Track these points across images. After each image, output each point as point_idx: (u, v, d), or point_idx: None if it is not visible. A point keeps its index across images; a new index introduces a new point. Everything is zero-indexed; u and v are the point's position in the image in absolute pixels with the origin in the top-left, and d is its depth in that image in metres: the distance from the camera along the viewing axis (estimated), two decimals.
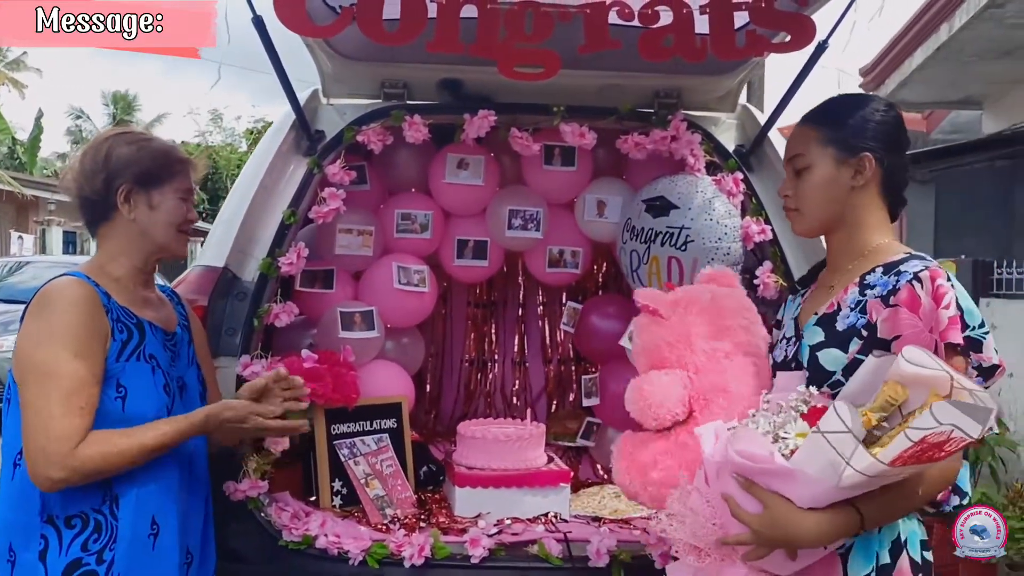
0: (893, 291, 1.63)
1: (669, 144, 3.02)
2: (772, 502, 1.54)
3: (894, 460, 1.39)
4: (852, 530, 1.55)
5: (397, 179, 3.40)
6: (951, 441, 1.38)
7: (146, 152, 1.96)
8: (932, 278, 1.60)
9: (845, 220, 1.78)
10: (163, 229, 1.97)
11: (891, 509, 1.57)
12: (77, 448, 1.75)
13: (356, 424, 2.92)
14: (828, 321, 1.73)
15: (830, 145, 1.76)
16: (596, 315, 3.39)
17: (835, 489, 1.47)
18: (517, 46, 2.43)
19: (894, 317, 1.61)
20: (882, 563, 1.61)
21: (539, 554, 2.52)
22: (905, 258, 1.69)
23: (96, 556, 1.82)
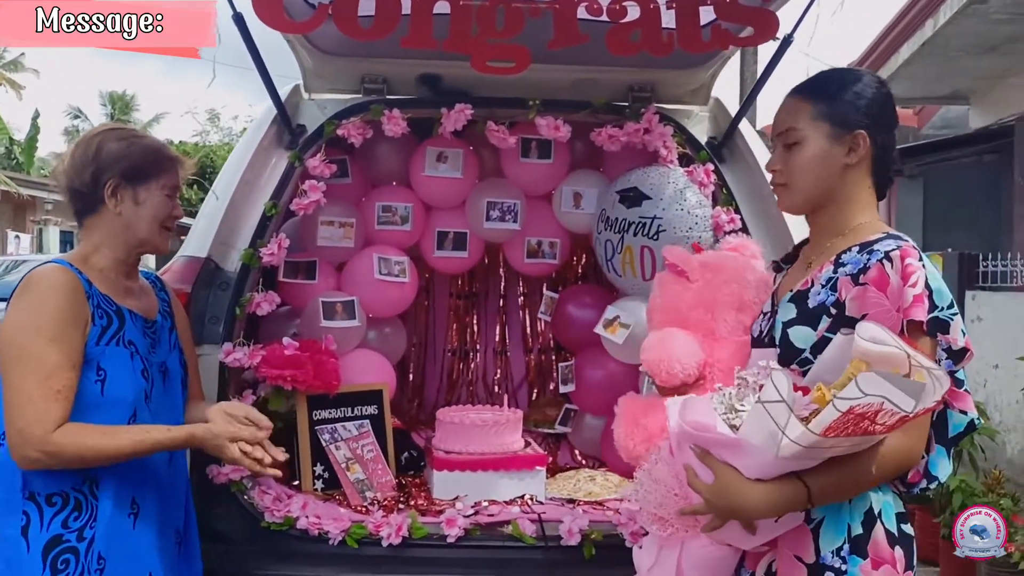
0: (863, 269, 1.60)
1: (642, 136, 3.10)
2: (721, 472, 1.55)
3: (826, 431, 1.38)
4: (799, 503, 1.53)
5: (379, 172, 3.48)
6: (883, 413, 1.36)
7: (135, 149, 2.02)
8: (902, 257, 1.57)
9: (833, 198, 1.73)
10: (147, 224, 2.02)
11: (842, 484, 1.54)
12: (53, 433, 1.80)
13: (337, 410, 3.00)
14: (801, 298, 1.70)
15: (824, 120, 1.70)
16: (572, 304, 3.47)
17: (776, 459, 1.47)
18: (489, 41, 2.50)
19: (862, 295, 1.59)
20: (855, 534, 1.59)
21: (513, 533, 2.60)
22: (881, 237, 1.65)
23: (76, 533, 1.87)
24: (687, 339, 1.91)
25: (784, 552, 1.63)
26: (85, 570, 1.86)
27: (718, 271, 1.98)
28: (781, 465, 1.51)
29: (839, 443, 1.43)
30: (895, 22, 8.23)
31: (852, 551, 1.58)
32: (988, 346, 6.98)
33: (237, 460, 1.96)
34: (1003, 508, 4.27)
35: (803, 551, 1.61)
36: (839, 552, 1.59)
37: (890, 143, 1.74)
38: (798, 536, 1.61)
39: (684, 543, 1.70)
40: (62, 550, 1.85)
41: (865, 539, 1.59)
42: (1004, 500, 4.36)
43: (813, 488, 1.52)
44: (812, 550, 1.60)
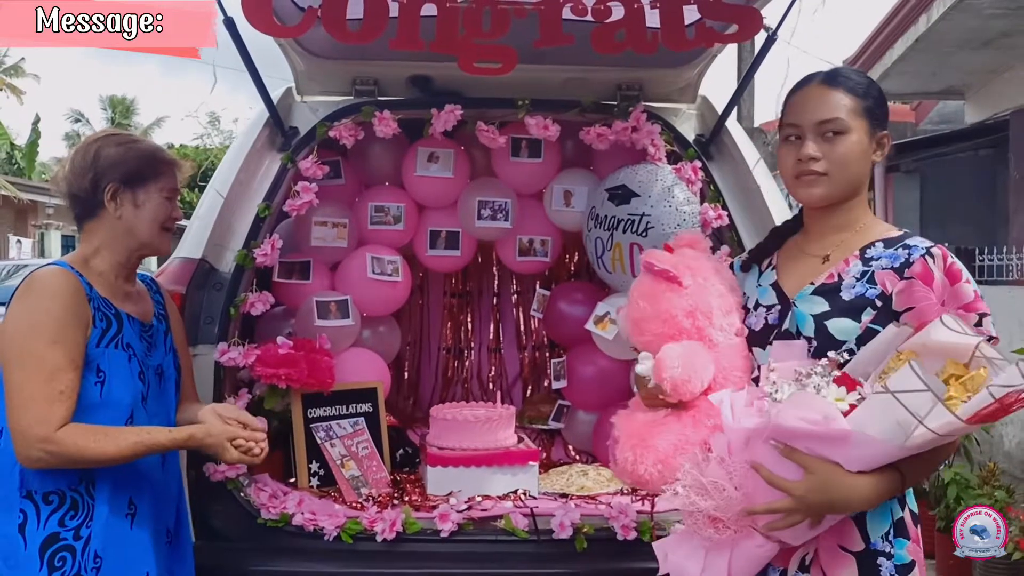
0: (907, 264, 1.66)
1: (630, 135, 3.12)
2: (817, 467, 1.53)
3: (971, 417, 1.41)
4: (896, 491, 1.59)
5: (371, 173, 3.52)
6: (1019, 402, 1.40)
7: (133, 153, 2.05)
8: (943, 256, 1.65)
9: (857, 192, 1.77)
10: (147, 227, 2.06)
11: (925, 470, 1.65)
12: (56, 432, 1.84)
13: (332, 408, 3.04)
14: (831, 291, 1.72)
15: (864, 116, 1.74)
16: (563, 301, 3.51)
17: (897, 449, 1.48)
18: (476, 42, 2.53)
19: (909, 289, 1.64)
20: (896, 517, 1.67)
21: (506, 528, 2.64)
22: (905, 234, 1.74)
23: (73, 532, 1.90)
24: (705, 353, 1.82)
25: (828, 544, 1.64)
26: (82, 568, 1.89)
27: (700, 273, 1.90)
28: (895, 455, 1.52)
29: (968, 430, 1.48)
30: (889, 18, 8.24)
31: (897, 534, 1.66)
32: None
33: (237, 459, 2.01)
34: (997, 500, 4.29)
35: (849, 541, 1.65)
36: (887, 536, 1.65)
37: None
38: (841, 527, 1.63)
39: (736, 544, 1.65)
40: (59, 548, 1.88)
41: (903, 522, 1.67)
42: (999, 492, 4.38)
43: (907, 475, 1.59)
44: (859, 538, 1.64)
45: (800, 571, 1.67)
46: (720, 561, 1.66)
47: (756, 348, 1.82)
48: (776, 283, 1.83)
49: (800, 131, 1.75)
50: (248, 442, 2.01)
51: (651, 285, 1.91)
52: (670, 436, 1.79)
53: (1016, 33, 7.34)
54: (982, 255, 7.50)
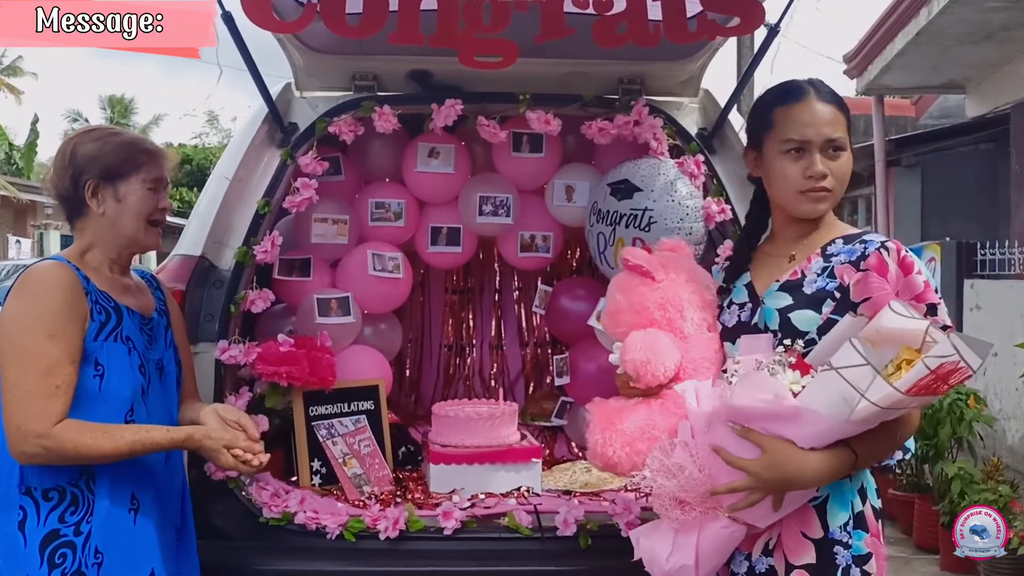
0: (863, 257, 1.75)
1: (632, 129, 3.10)
2: (771, 445, 1.62)
3: (909, 389, 1.47)
4: (847, 469, 1.65)
5: (372, 169, 3.50)
6: (956, 372, 1.47)
7: (110, 146, 2.02)
8: (897, 249, 1.74)
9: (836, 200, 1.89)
10: (132, 221, 2.03)
11: (879, 449, 1.70)
12: (53, 428, 1.82)
13: (334, 406, 3.02)
14: (794, 287, 1.82)
15: (849, 132, 1.86)
16: (566, 297, 3.49)
17: (842, 424, 1.56)
18: (476, 36, 2.51)
19: (865, 280, 1.73)
20: (857, 510, 1.73)
21: (509, 525, 2.62)
22: (864, 231, 1.84)
23: (73, 528, 1.88)
24: (668, 340, 1.93)
25: (791, 529, 1.72)
26: (83, 564, 1.88)
27: (679, 270, 2.02)
28: (843, 430, 1.59)
29: (911, 403, 1.54)
30: (889, 12, 8.23)
31: (856, 526, 1.72)
32: (987, 335, 6.97)
33: (231, 466, 1.99)
34: (1001, 495, 4.29)
35: (809, 528, 1.72)
36: (846, 527, 1.72)
37: None
38: (803, 514, 1.71)
39: (703, 526, 1.72)
40: (59, 544, 1.87)
41: (863, 515, 1.74)
42: (1003, 487, 4.38)
43: (860, 453, 1.64)
44: (819, 526, 1.72)
45: (763, 555, 1.75)
46: (688, 542, 1.73)
47: (728, 343, 1.93)
48: (750, 283, 1.93)
49: (807, 146, 1.80)
50: (245, 453, 1.99)
51: (627, 280, 2.04)
52: (637, 420, 1.89)
53: (1017, 26, 7.33)
54: (983, 249, 7.48)
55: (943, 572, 4.68)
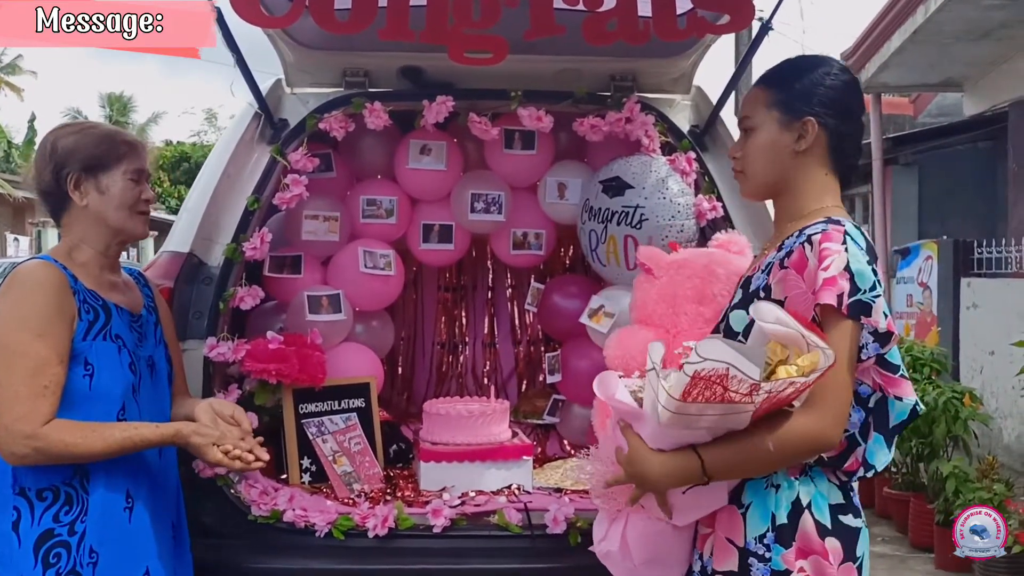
0: (788, 253, 1.64)
1: (624, 126, 3.10)
2: (631, 442, 1.65)
3: (682, 395, 1.46)
4: (694, 474, 1.59)
5: (363, 166, 3.48)
6: (733, 380, 1.42)
7: (89, 138, 2.02)
8: (822, 240, 1.59)
9: (788, 185, 1.76)
10: (116, 212, 2.02)
11: (737, 459, 1.58)
12: (41, 429, 1.82)
13: (324, 403, 3.01)
14: (746, 283, 1.77)
15: (775, 108, 1.74)
16: (558, 294, 3.48)
17: (663, 427, 1.55)
18: (465, 32, 2.50)
19: (784, 278, 1.64)
20: (779, 523, 1.62)
21: (499, 523, 2.61)
22: (817, 221, 1.67)
23: (68, 527, 1.88)
24: (647, 335, 1.99)
25: (718, 534, 1.69)
26: (77, 563, 1.87)
27: (683, 267, 2.07)
28: (668, 435, 1.59)
29: (705, 410, 1.49)
30: (887, 9, 8.22)
31: (776, 540, 1.61)
32: (983, 333, 6.99)
33: (219, 462, 1.97)
34: (996, 494, 4.28)
35: (734, 534, 1.67)
36: (763, 539, 1.63)
37: (848, 131, 1.76)
38: (730, 519, 1.67)
39: (629, 516, 1.76)
40: (54, 544, 1.87)
41: (791, 529, 1.61)
42: (997, 485, 4.37)
43: (706, 460, 1.58)
44: (741, 534, 1.65)
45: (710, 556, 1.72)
46: (616, 531, 1.79)
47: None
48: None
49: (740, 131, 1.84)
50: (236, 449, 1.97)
51: (639, 277, 2.20)
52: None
53: (1015, 24, 7.32)
54: (980, 248, 7.48)
55: (938, 571, 4.67)
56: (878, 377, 1.63)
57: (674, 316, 2.02)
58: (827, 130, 1.73)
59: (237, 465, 1.98)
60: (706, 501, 1.67)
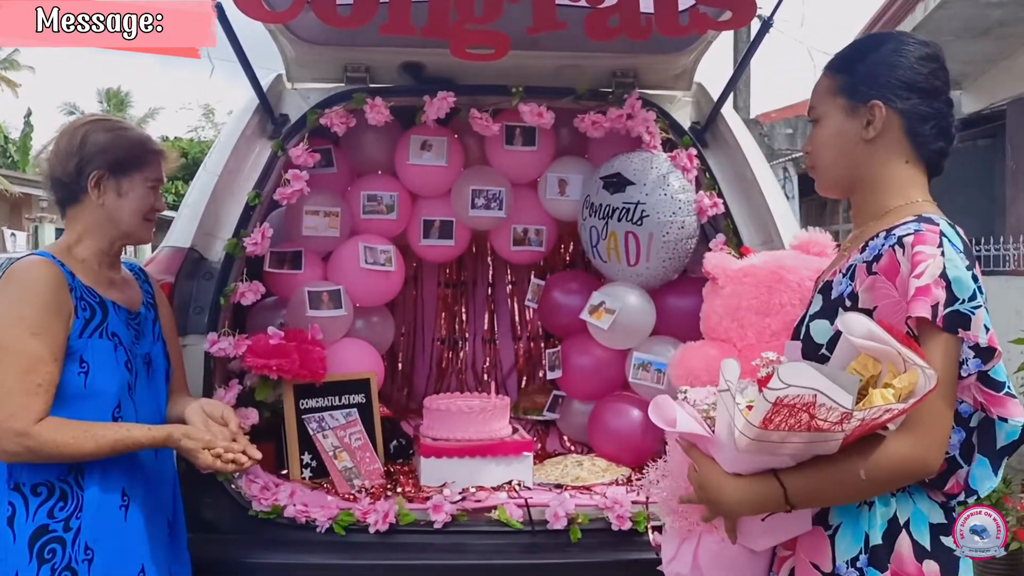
0: (877, 257, 1.46)
1: (625, 122, 3.10)
2: (701, 465, 1.55)
3: (763, 422, 1.34)
4: (776, 501, 1.47)
5: (364, 162, 3.48)
6: (821, 408, 1.31)
7: (121, 141, 2.02)
8: (915, 242, 1.42)
9: (862, 177, 1.59)
10: (129, 216, 2.03)
11: (824, 488, 1.45)
12: (34, 427, 1.81)
13: (325, 399, 3.00)
14: (827, 289, 1.58)
15: (840, 94, 1.59)
16: (558, 290, 3.47)
17: (736, 452, 1.43)
18: (467, 27, 2.50)
19: (873, 286, 1.46)
20: (873, 544, 1.46)
21: (500, 519, 2.61)
22: (907, 221, 1.48)
23: (63, 523, 1.88)
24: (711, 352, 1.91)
25: (801, 558, 1.55)
26: (72, 560, 1.87)
27: (748, 275, 1.95)
28: (746, 460, 1.46)
29: (788, 438, 1.36)
30: (886, 7, 8.21)
31: (870, 562, 1.46)
32: None
33: (210, 466, 1.96)
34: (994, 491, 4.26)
35: (820, 558, 1.51)
36: (855, 563, 1.47)
37: (926, 111, 1.56)
38: (816, 542, 1.53)
39: (701, 537, 1.66)
40: (48, 540, 1.86)
41: (886, 550, 1.46)
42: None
43: (789, 487, 1.45)
44: (829, 558, 1.50)
45: None
46: (687, 551, 1.68)
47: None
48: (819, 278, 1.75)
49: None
50: (227, 452, 1.97)
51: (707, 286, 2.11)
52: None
53: (1013, 22, 7.32)
54: (979, 245, 7.49)
55: None
56: (980, 395, 1.46)
57: (740, 329, 1.92)
58: (899, 113, 1.55)
59: (230, 468, 1.98)
60: (789, 527, 1.54)
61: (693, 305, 3.13)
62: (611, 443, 3.13)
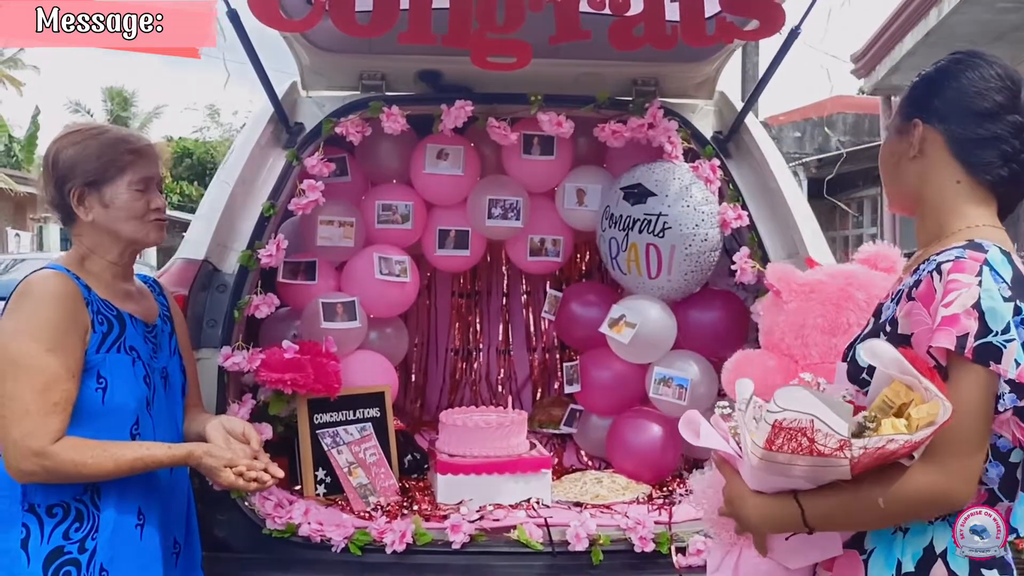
0: (918, 282, 1.44)
1: (646, 132, 3.04)
2: (730, 480, 1.57)
3: (767, 443, 1.36)
4: (794, 521, 1.46)
5: (379, 170, 3.43)
6: (820, 434, 1.31)
7: (91, 150, 1.93)
8: (952, 270, 1.38)
9: (921, 198, 1.56)
10: (124, 224, 1.94)
11: (842, 512, 1.44)
12: (51, 446, 1.77)
13: (339, 413, 2.95)
14: (879, 311, 1.57)
15: (896, 115, 1.60)
16: (576, 302, 3.41)
17: (752, 469, 1.46)
18: (489, 36, 2.45)
19: (911, 312, 1.44)
20: (905, 571, 1.44)
21: (519, 539, 2.55)
22: (957, 246, 1.43)
23: (78, 545, 1.83)
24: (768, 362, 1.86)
25: None
26: None
27: (815, 291, 1.89)
28: (764, 479, 1.47)
29: (794, 460, 1.37)
30: (899, 11, 8.16)
31: None
32: None
33: (232, 485, 1.91)
34: None
35: None
36: None
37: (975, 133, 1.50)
38: (849, 565, 1.51)
39: (742, 551, 1.66)
40: (64, 562, 1.82)
41: None
42: None
43: (807, 509, 1.45)
44: None
45: None
46: (728, 563, 1.70)
47: None
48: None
49: None
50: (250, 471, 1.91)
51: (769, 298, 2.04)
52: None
53: None
54: None
55: None
56: (1018, 431, 1.42)
57: (804, 348, 1.86)
58: (942, 133, 1.52)
59: (253, 487, 1.93)
60: (817, 548, 1.53)
61: (715, 319, 3.12)
62: (630, 459, 3.07)
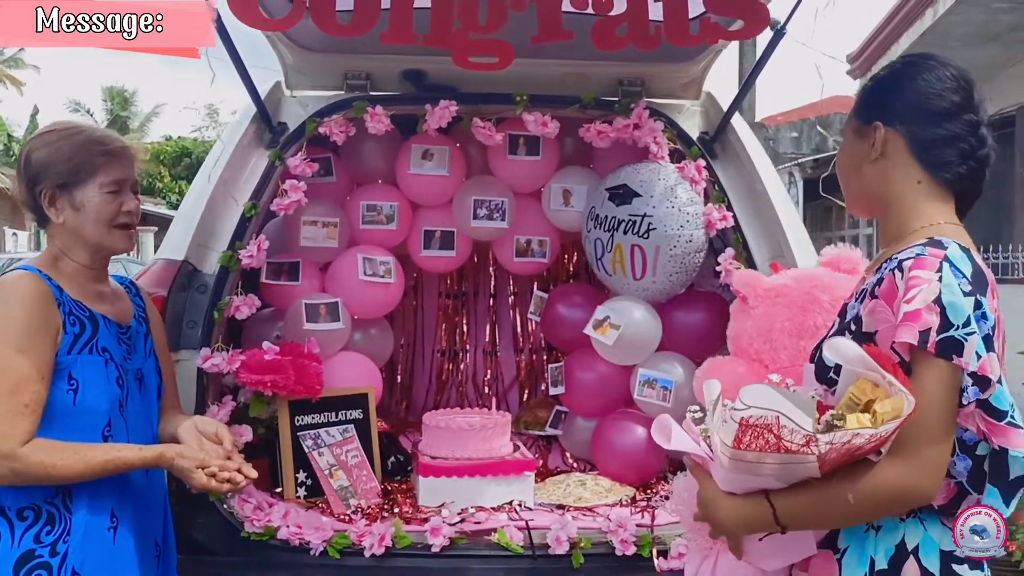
0: (880, 280, 1.47)
1: (632, 132, 3.03)
2: (701, 482, 1.57)
3: (735, 442, 1.37)
4: (766, 521, 1.47)
5: (364, 171, 3.41)
6: (786, 430, 1.32)
7: (62, 151, 1.91)
8: (913, 267, 1.40)
9: (879, 199, 1.59)
10: (93, 228, 1.92)
11: (813, 510, 1.45)
12: (20, 448, 1.74)
13: (321, 415, 2.93)
14: (843, 311, 1.59)
15: (854, 117, 1.61)
16: (562, 304, 3.39)
17: (725, 471, 1.46)
18: (471, 36, 2.43)
19: (874, 310, 1.46)
20: (878, 568, 1.45)
21: (500, 542, 2.53)
22: (918, 243, 1.46)
23: (49, 548, 1.80)
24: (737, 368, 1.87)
25: None
26: None
27: (780, 295, 1.91)
28: (735, 479, 1.48)
29: (763, 458, 1.38)
30: (895, 11, 8.15)
31: None
32: None
33: (205, 486, 1.88)
34: None
35: None
36: None
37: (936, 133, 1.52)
38: (824, 565, 1.52)
39: (719, 555, 1.66)
40: (35, 565, 1.79)
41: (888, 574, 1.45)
42: None
43: (779, 508, 1.46)
44: None
45: None
46: (706, 568, 1.70)
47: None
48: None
49: None
50: (223, 472, 1.89)
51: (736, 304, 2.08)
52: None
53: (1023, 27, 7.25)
54: (987, 253, 7.41)
55: None
56: (983, 424, 1.43)
57: (773, 352, 1.89)
58: (903, 135, 1.54)
59: (226, 488, 1.91)
60: (791, 549, 1.53)
61: (700, 320, 3.10)
62: (615, 461, 3.05)
